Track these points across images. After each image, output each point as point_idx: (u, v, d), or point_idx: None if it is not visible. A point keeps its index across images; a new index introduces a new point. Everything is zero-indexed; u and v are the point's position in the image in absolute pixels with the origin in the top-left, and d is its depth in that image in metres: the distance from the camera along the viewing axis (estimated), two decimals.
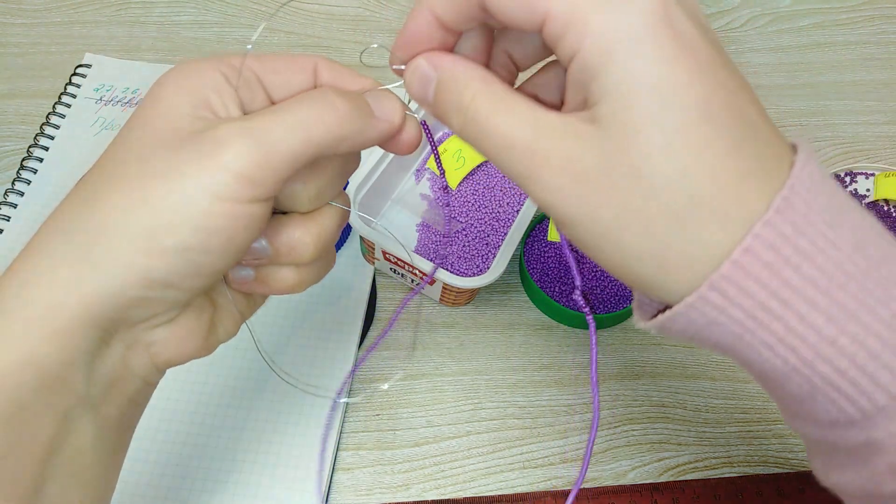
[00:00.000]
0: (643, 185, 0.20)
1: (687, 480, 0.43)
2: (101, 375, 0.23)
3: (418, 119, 0.27)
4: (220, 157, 0.21)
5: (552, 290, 0.48)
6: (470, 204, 0.50)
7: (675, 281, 0.20)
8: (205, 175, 0.21)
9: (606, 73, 0.19)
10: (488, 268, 0.42)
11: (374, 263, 0.49)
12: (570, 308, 0.47)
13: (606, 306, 0.47)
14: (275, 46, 0.62)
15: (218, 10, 0.65)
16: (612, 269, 0.22)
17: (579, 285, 0.33)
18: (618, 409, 0.45)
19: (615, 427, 0.45)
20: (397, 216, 0.51)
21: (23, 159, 0.52)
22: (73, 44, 0.61)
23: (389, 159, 0.47)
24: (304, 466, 0.41)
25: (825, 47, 0.67)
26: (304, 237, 0.26)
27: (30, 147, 0.53)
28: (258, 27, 0.64)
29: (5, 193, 0.51)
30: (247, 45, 0.26)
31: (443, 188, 0.51)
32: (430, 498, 0.42)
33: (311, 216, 0.26)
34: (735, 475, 0.43)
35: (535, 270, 0.49)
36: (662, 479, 0.43)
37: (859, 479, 0.21)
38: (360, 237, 0.46)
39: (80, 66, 0.59)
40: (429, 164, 0.51)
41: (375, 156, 0.46)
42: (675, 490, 0.42)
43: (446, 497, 0.42)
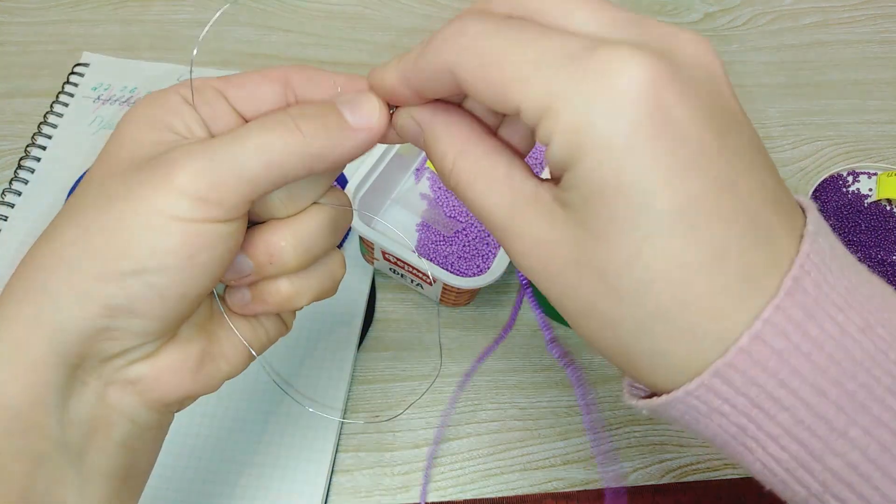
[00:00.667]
0: (608, 289, 0.19)
1: (689, 482, 0.43)
2: (78, 417, 0.22)
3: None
4: (173, 178, 0.21)
5: None
6: None
7: (652, 378, 0.20)
8: (158, 196, 0.21)
9: (579, 167, 0.18)
10: (488, 268, 0.42)
11: (373, 263, 0.49)
12: None
13: None
14: (273, 46, 0.62)
15: (216, 9, 0.64)
16: (589, 345, 0.22)
17: (549, 339, 0.32)
18: (619, 410, 0.45)
19: (617, 429, 0.44)
20: (397, 216, 0.50)
21: (20, 159, 0.52)
22: (70, 42, 0.61)
23: (389, 158, 0.46)
24: (302, 469, 0.41)
25: (827, 46, 0.66)
26: (280, 241, 0.24)
27: (27, 146, 0.53)
28: (218, 12, 0.63)
29: (3, 193, 0.50)
30: (199, 37, 0.26)
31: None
32: (430, 500, 0.41)
33: (290, 219, 0.25)
34: (737, 477, 0.43)
35: None
36: (664, 480, 0.43)
37: None
38: (360, 237, 0.45)
39: (78, 64, 0.58)
40: (429, 163, 0.51)
41: (375, 155, 0.45)
42: (676, 492, 0.42)
43: (446, 499, 0.41)
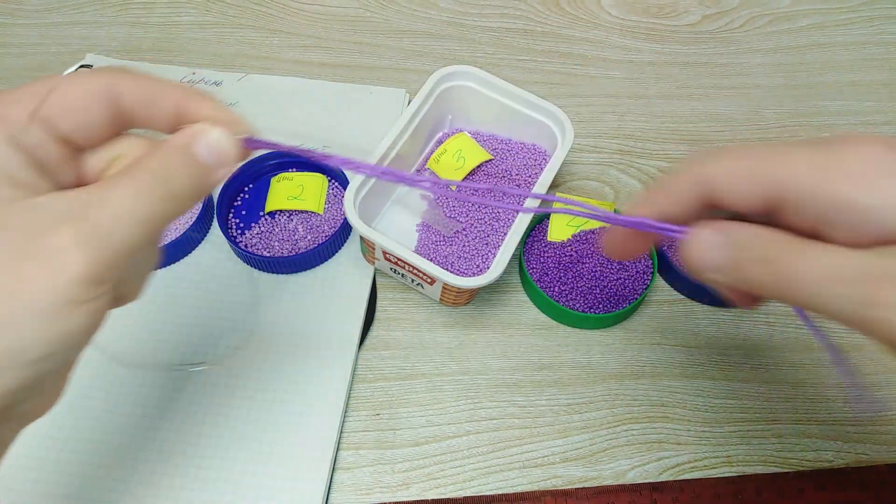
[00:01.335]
0: None
1: (686, 480, 0.43)
2: None
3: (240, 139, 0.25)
4: (67, 266, 0.20)
5: (552, 290, 0.48)
6: (470, 204, 0.50)
7: None
8: (48, 284, 0.20)
9: None
10: (488, 268, 0.42)
11: (374, 263, 0.49)
12: (570, 308, 0.47)
13: (606, 306, 0.48)
14: (275, 48, 0.62)
15: (218, 11, 0.65)
16: None
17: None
18: (617, 408, 0.45)
19: (615, 426, 0.45)
20: (397, 216, 0.51)
21: None
22: (74, 44, 0.61)
23: (389, 160, 0.47)
24: (304, 466, 0.41)
25: (824, 48, 0.67)
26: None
27: None
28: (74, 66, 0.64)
29: None
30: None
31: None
32: (430, 497, 0.42)
33: None
34: (734, 475, 0.43)
35: (535, 270, 0.49)
36: (662, 478, 0.43)
37: None
38: (360, 237, 0.46)
39: (82, 66, 0.59)
40: (429, 164, 0.52)
41: (375, 156, 0.46)
42: (674, 489, 0.42)
43: (446, 496, 0.42)
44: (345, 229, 0.49)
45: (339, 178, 0.52)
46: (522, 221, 0.44)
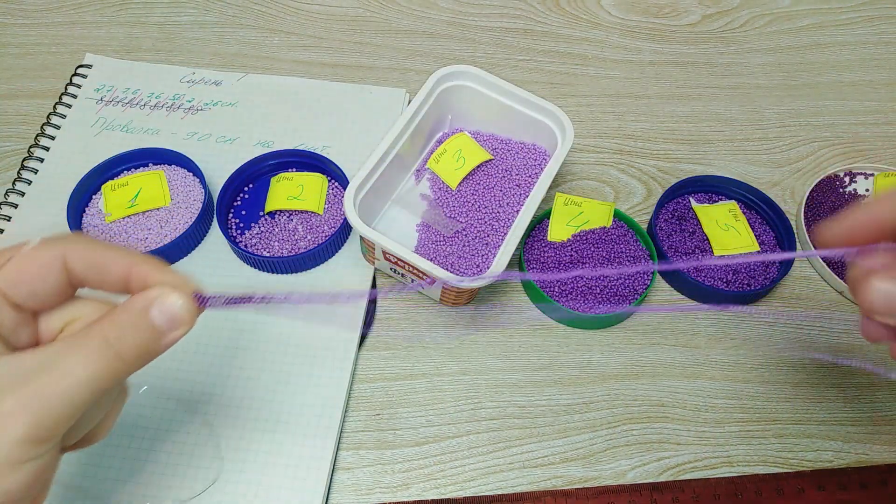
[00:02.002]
0: None
1: (686, 480, 0.43)
2: None
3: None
4: (10, 430, 0.22)
5: (552, 290, 0.48)
6: (470, 204, 0.50)
7: None
8: None
9: None
10: (488, 268, 0.42)
11: (374, 263, 0.49)
12: (570, 308, 0.47)
13: (606, 306, 0.48)
14: (275, 48, 0.62)
15: (218, 11, 0.65)
16: None
17: None
18: (617, 408, 0.45)
19: (615, 426, 0.45)
20: (397, 216, 0.51)
21: (24, 159, 0.53)
22: (73, 44, 0.61)
23: (390, 160, 0.47)
24: (304, 466, 0.41)
25: (824, 47, 0.67)
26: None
27: (31, 147, 0.53)
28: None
29: (6, 193, 0.51)
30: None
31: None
32: (430, 497, 0.42)
33: None
34: (734, 475, 0.43)
35: (535, 270, 0.49)
36: (662, 478, 0.43)
37: None
38: (360, 237, 0.46)
39: (81, 66, 0.59)
40: (429, 163, 0.52)
41: (375, 156, 0.46)
42: (674, 489, 0.42)
43: (446, 496, 0.42)
44: (345, 229, 0.49)
45: (339, 178, 0.52)
46: (522, 221, 0.44)
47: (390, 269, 0.48)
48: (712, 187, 0.55)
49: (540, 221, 0.51)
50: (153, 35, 0.62)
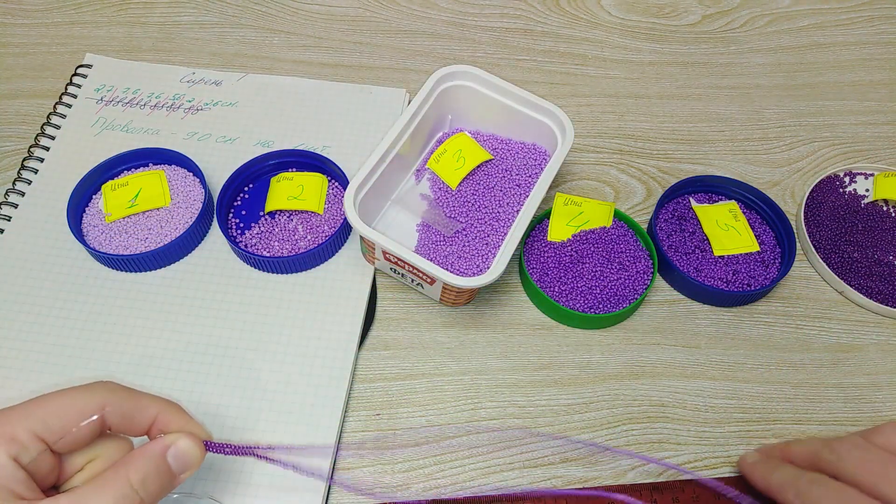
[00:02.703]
0: None
1: (686, 480, 0.43)
2: None
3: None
4: None
5: (552, 290, 0.48)
6: (470, 204, 0.50)
7: None
8: None
9: None
10: (488, 268, 0.42)
11: (374, 263, 0.49)
12: (570, 308, 0.47)
13: (606, 306, 0.48)
14: (275, 48, 0.62)
15: (218, 11, 0.65)
16: None
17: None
18: (617, 408, 0.45)
19: (615, 427, 0.45)
20: (397, 216, 0.51)
21: (24, 159, 0.53)
22: (73, 44, 0.61)
23: (389, 160, 0.47)
24: (304, 466, 0.41)
25: (825, 47, 0.67)
26: None
27: (31, 147, 0.53)
28: None
29: (6, 193, 0.51)
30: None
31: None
32: (430, 497, 0.42)
33: None
34: (734, 475, 0.43)
35: (535, 270, 0.49)
36: (662, 478, 0.43)
37: None
38: (360, 237, 0.46)
39: (81, 66, 0.59)
40: (429, 163, 0.52)
41: (375, 156, 0.46)
42: (674, 489, 0.42)
43: (446, 496, 0.42)
44: (345, 229, 0.49)
45: (339, 178, 0.52)
46: (522, 221, 0.44)
47: (390, 269, 0.48)
48: (712, 187, 0.55)
49: (540, 221, 0.51)
50: (153, 35, 0.62)
